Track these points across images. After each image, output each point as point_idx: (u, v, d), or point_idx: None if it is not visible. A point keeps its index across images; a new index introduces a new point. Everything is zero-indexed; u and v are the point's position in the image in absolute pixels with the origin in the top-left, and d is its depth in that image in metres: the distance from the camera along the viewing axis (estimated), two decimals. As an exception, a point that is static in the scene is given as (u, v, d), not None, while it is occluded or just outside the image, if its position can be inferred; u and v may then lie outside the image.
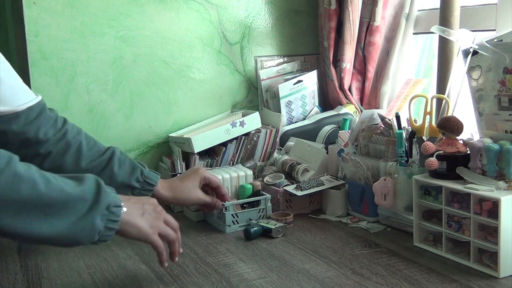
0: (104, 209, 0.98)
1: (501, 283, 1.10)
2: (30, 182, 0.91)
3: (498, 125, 1.31)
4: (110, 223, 0.99)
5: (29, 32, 1.61)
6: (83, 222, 0.95)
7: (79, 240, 0.96)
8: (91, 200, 0.97)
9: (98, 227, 0.97)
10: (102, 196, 0.98)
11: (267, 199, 1.50)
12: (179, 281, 1.17)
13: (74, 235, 0.95)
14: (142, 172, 1.31)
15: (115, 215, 1.00)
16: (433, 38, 1.85)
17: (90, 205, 0.96)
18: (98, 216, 0.97)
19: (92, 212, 0.96)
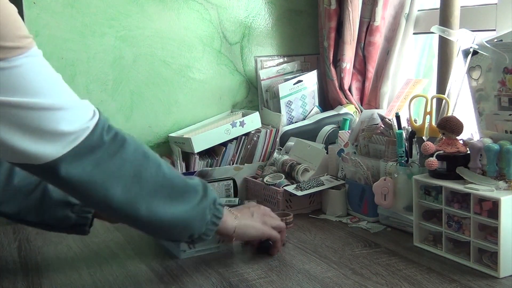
0: (212, 203, 1.03)
1: (501, 283, 1.10)
2: (156, 163, 0.95)
3: (498, 125, 1.31)
4: (215, 218, 1.05)
5: (29, 32, 1.61)
6: (197, 211, 1.00)
7: (192, 228, 1.01)
8: (201, 193, 1.02)
9: (207, 218, 1.02)
10: (209, 191, 1.04)
11: None
12: (179, 281, 1.17)
13: (189, 222, 1.00)
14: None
15: (219, 212, 1.06)
16: (433, 38, 1.85)
17: (201, 197, 1.02)
18: (207, 208, 1.02)
19: (202, 203, 1.01)
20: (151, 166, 0.95)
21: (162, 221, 0.97)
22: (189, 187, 1.01)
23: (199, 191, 1.03)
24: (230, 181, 1.73)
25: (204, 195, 1.03)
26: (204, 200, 1.03)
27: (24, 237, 1.49)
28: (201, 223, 1.03)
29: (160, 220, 0.97)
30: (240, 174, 1.76)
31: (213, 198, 1.05)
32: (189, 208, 1.00)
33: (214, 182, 1.71)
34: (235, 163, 1.77)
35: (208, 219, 1.04)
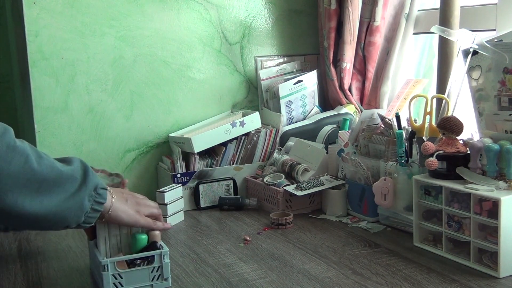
0: (92, 190, 0.98)
1: (501, 283, 1.10)
2: (23, 156, 0.90)
3: (498, 125, 1.31)
4: (96, 205, 1.00)
5: (29, 32, 1.61)
6: (72, 201, 0.95)
7: (67, 219, 0.96)
8: (80, 180, 0.97)
9: (85, 207, 0.97)
10: (89, 177, 0.98)
11: (163, 254, 1.13)
12: (179, 281, 1.17)
13: (62, 214, 0.95)
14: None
15: (101, 197, 1.00)
16: (433, 38, 1.85)
17: (78, 185, 0.97)
18: (86, 197, 0.97)
19: (80, 191, 0.96)
20: (16, 160, 0.90)
21: (29, 215, 0.92)
22: (63, 178, 0.95)
23: (76, 179, 0.97)
24: (230, 181, 1.73)
25: (83, 183, 0.97)
26: (82, 188, 0.97)
27: (24, 237, 1.49)
28: (78, 213, 0.97)
29: (28, 214, 0.92)
30: (240, 174, 1.76)
31: (94, 184, 0.99)
32: (61, 201, 0.94)
33: (214, 182, 1.71)
34: (235, 163, 1.77)
35: (87, 208, 0.98)
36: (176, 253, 1.33)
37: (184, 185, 1.67)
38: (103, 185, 1.02)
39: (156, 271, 1.13)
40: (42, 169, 0.92)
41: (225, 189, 1.72)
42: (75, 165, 0.99)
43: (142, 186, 1.81)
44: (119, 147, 1.77)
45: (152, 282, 1.13)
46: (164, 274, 1.14)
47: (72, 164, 0.99)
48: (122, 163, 1.77)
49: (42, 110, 1.65)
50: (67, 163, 0.98)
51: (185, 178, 1.69)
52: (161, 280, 1.14)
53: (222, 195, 1.70)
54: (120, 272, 1.10)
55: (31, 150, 0.93)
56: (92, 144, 1.72)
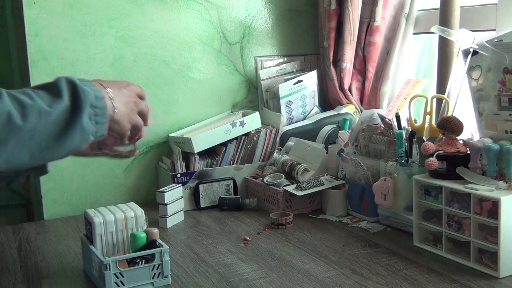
0: (88, 108, 0.93)
1: (501, 283, 1.10)
2: (3, 114, 0.85)
3: (498, 125, 1.31)
4: (99, 117, 0.95)
5: (29, 32, 1.61)
6: (72, 131, 0.91)
7: (74, 147, 0.93)
8: (71, 106, 0.91)
9: (88, 128, 0.93)
10: (81, 97, 0.92)
11: (163, 252, 1.15)
12: (179, 281, 1.17)
13: (67, 147, 0.92)
14: None
15: (100, 108, 0.95)
16: (433, 38, 1.85)
17: (72, 112, 0.91)
18: (85, 118, 0.92)
19: (76, 117, 0.91)
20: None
21: (33, 163, 0.90)
22: (53, 117, 0.89)
23: (67, 108, 0.91)
24: (230, 181, 1.73)
25: (76, 108, 0.92)
26: (77, 112, 0.92)
27: (24, 237, 1.49)
28: (84, 136, 0.93)
29: (31, 163, 0.90)
30: (240, 174, 1.76)
31: (89, 102, 0.93)
32: (59, 138, 0.90)
33: (214, 182, 1.71)
34: (235, 163, 1.77)
35: (91, 128, 0.93)
36: (176, 253, 1.33)
37: (184, 185, 1.67)
38: (98, 95, 0.95)
39: (156, 269, 1.14)
40: (28, 122, 0.87)
41: (225, 189, 1.72)
42: (63, 91, 0.92)
43: (142, 186, 1.81)
44: (119, 147, 1.76)
45: (153, 280, 1.14)
46: (164, 272, 1.15)
47: (59, 92, 0.92)
48: (122, 163, 1.77)
49: (42, 110, 1.65)
50: (54, 92, 0.92)
51: (185, 178, 1.69)
52: (161, 278, 1.15)
53: (222, 195, 1.70)
54: (122, 271, 1.11)
55: (12, 104, 0.87)
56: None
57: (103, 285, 1.10)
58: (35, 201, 1.88)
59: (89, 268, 1.21)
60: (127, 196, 1.77)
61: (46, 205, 1.68)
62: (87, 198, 1.73)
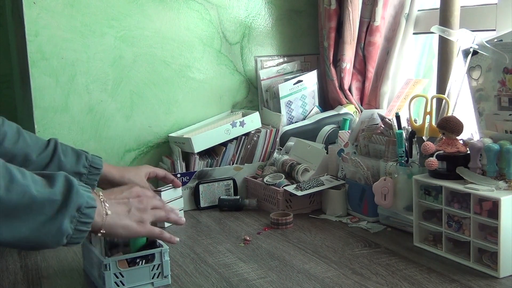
0: (74, 211, 0.92)
1: (501, 283, 1.10)
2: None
3: (498, 125, 1.31)
4: (81, 225, 0.93)
5: (29, 32, 1.61)
6: (49, 226, 0.89)
7: (45, 244, 0.91)
8: (60, 202, 0.91)
9: (66, 231, 0.91)
10: (72, 197, 0.92)
11: (163, 252, 1.15)
12: (179, 281, 1.17)
13: (37, 239, 0.89)
14: (86, 157, 1.30)
15: (86, 217, 0.94)
16: (433, 38, 1.85)
17: (58, 208, 0.90)
18: (67, 219, 0.91)
19: (59, 214, 0.90)
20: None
21: (1, 241, 0.87)
22: (36, 204, 0.88)
23: (55, 202, 0.90)
24: (230, 181, 1.73)
25: (63, 205, 0.90)
26: (62, 211, 0.90)
27: (24, 237, 1.49)
28: (58, 236, 0.91)
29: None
30: (240, 174, 1.76)
31: (77, 204, 0.92)
32: (35, 226, 0.88)
33: (214, 182, 1.71)
34: (235, 163, 1.77)
35: (68, 231, 0.91)
36: (176, 253, 1.33)
37: (184, 185, 1.67)
38: (89, 203, 0.94)
39: (156, 269, 1.14)
40: (10, 196, 0.86)
41: (225, 189, 1.72)
42: (58, 184, 0.92)
43: (142, 186, 1.81)
44: (119, 147, 1.77)
45: (153, 280, 1.14)
46: (164, 272, 1.15)
47: (54, 183, 0.91)
48: (122, 163, 1.77)
49: (42, 110, 1.65)
50: (49, 182, 0.92)
51: (185, 178, 1.69)
52: (161, 278, 1.15)
53: (222, 195, 1.70)
54: (122, 271, 1.11)
55: (2, 174, 0.87)
56: (92, 144, 1.72)
57: (103, 285, 1.10)
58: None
59: (89, 268, 1.21)
60: (127, 196, 1.77)
61: (46, 205, 1.68)
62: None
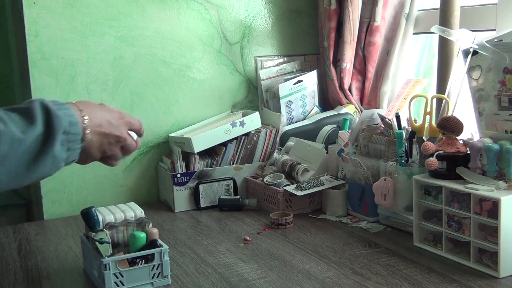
0: (61, 135, 0.90)
1: (501, 283, 1.10)
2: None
3: (498, 125, 1.31)
4: (72, 144, 0.93)
5: (29, 32, 1.61)
6: (43, 158, 0.89)
7: (46, 173, 0.91)
8: (44, 134, 0.89)
9: (60, 156, 0.91)
10: (54, 124, 0.90)
11: (163, 252, 1.15)
12: (179, 281, 1.17)
13: (37, 173, 0.89)
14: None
15: (74, 135, 0.93)
16: (433, 38, 1.85)
17: (44, 139, 0.89)
18: (57, 145, 0.90)
19: (49, 144, 0.89)
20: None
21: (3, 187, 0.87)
22: (26, 143, 0.87)
23: (40, 135, 0.88)
24: (230, 181, 1.73)
25: (49, 134, 0.89)
26: (50, 140, 0.89)
27: (24, 237, 1.49)
28: (54, 164, 0.91)
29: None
30: (240, 174, 1.76)
31: (62, 128, 0.91)
32: (30, 164, 0.88)
33: (214, 182, 1.71)
34: (235, 163, 1.77)
35: (62, 156, 0.91)
36: (176, 253, 1.33)
37: (184, 185, 1.67)
38: (73, 121, 0.92)
39: (156, 269, 1.14)
40: (0, 149, 0.85)
41: (225, 189, 1.72)
42: (37, 117, 0.89)
43: (142, 186, 1.81)
44: (119, 147, 1.76)
45: (152, 280, 1.14)
46: (164, 271, 1.15)
47: (33, 117, 0.89)
48: (122, 163, 1.77)
49: (42, 110, 1.65)
50: (29, 118, 0.89)
51: (185, 178, 1.69)
52: (161, 277, 1.15)
53: (222, 195, 1.70)
54: (121, 271, 1.11)
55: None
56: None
57: (103, 285, 1.10)
58: (35, 201, 1.88)
59: (89, 268, 1.21)
60: (127, 196, 1.77)
61: (46, 205, 1.68)
62: (87, 198, 1.73)
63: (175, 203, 1.69)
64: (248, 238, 1.40)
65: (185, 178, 1.69)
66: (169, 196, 1.73)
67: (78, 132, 0.94)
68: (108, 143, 1.02)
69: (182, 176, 1.68)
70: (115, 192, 1.77)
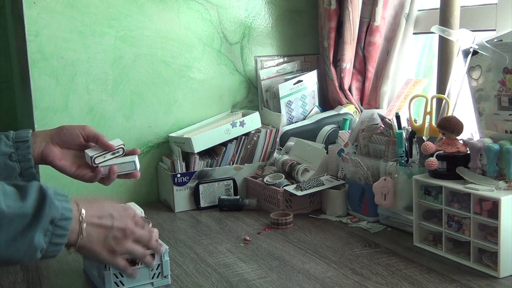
0: (48, 224, 0.86)
1: (501, 283, 1.10)
2: None
3: (498, 125, 1.31)
4: (56, 238, 0.88)
5: (29, 32, 1.61)
6: (20, 242, 0.84)
7: (18, 259, 0.86)
8: (31, 216, 0.85)
9: (39, 245, 0.86)
10: (45, 210, 0.86)
11: (163, 252, 1.14)
12: (179, 281, 1.17)
13: (9, 255, 0.85)
14: (7, 136, 1.11)
15: (61, 229, 0.89)
16: (433, 38, 1.85)
17: (28, 222, 0.85)
18: (39, 233, 0.85)
19: (30, 229, 0.85)
20: None
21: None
22: (5, 219, 0.83)
23: (26, 215, 0.84)
24: (230, 181, 1.73)
25: (35, 218, 0.85)
26: (33, 225, 0.85)
27: (24, 237, 1.49)
28: (31, 251, 0.85)
29: None
30: (240, 174, 1.76)
31: (51, 217, 0.86)
32: (3, 243, 0.83)
33: (214, 182, 1.71)
34: (235, 163, 1.77)
35: (41, 245, 0.86)
36: (176, 253, 1.33)
37: (184, 185, 1.67)
38: (65, 215, 0.89)
39: (156, 269, 1.14)
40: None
41: (225, 189, 1.72)
42: (30, 196, 0.86)
43: (142, 186, 1.81)
44: (119, 147, 1.76)
45: (152, 280, 1.14)
46: (164, 272, 1.15)
47: (26, 196, 0.86)
48: (122, 163, 1.77)
49: (42, 110, 1.65)
50: (21, 194, 0.86)
51: (185, 178, 1.69)
52: (161, 278, 1.15)
53: (222, 195, 1.70)
54: None
55: None
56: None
57: (103, 285, 1.10)
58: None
59: (89, 268, 1.21)
60: (127, 196, 1.77)
61: (46, 205, 1.68)
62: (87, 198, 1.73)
63: (175, 203, 1.69)
64: (248, 238, 1.40)
65: (185, 178, 1.69)
66: (169, 196, 1.73)
67: (66, 228, 0.90)
68: (113, 238, 0.97)
69: (182, 176, 1.68)
70: (115, 192, 1.77)
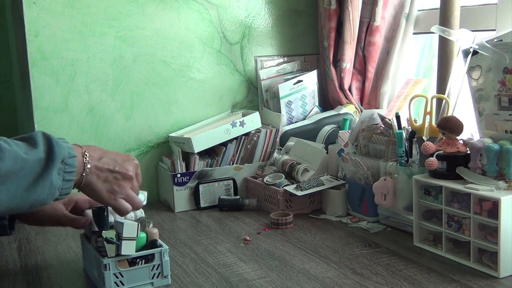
0: (59, 163, 0.95)
1: (501, 283, 1.10)
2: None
3: (498, 125, 1.31)
4: (67, 175, 0.97)
5: (29, 32, 1.61)
6: (42, 183, 0.92)
7: (42, 200, 0.94)
8: (45, 159, 0.93)
9: (56, 183, 0.94)
10: (55, 151, 0.95)
11: (163, 252, 1.14)
12: (179, 281, 1.17)
13: (35, 198, 0.92)
14: None
15: (70, 166, 0.97)
16: (433, 38, 1.85)
17: (45, 164, 0.93)
18: (55, 172, 0.94)
19: (48, 169, 0.93)
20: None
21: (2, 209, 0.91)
22: (28, 165, 0.91)
23: (42, 159, 0.93)
24: (230, 181, 1.73)
25: (49, 160, 0.93)
26: (49, 165, 0.93)
27: (24, 237, 1.49)
28: (51, 190, 0.94)
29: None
30: (240, 174, 1.76)
31: (62, 156, 0.95)
32: (31, 186, 0.92)
33: (214, 182, 1.71)
34: (235, 163, 1.77)
35: (58, 183, 0.95)
36: (176, 253, 1.33)
37: (184, 185, 1.67)
38: (71, 153, 0.97)
39: (156, 269, 1.14)
40: (3, 163, 0.89)
41: (225, 189, 1.72)
42: (39, 142, 0.95)
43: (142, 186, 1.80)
44: (119, 147, 1.77)
45: (152, 280, 1.14)
46: (164, 272, 1.15)
47: (36, 143, 0.94)
48: (122, 163, 1.77)
49: (42, 110, 1.65)
50: (31, 143, 0.95)
51: (185, 178, 1.69)
52: (161, 278, 1.15)
53: (222, 195, 1.70)
54: (121, 271, 1.11)
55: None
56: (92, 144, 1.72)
57: (103, 285, 1.10)
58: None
59: (89, 268, 1.21)
60: (127, 196, 1.77)
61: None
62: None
63: (175, 203, 1.69)
64: (248, 238, 1.40)
65: (185, 178, 1.69)
66: (169, 196, 1.73)
67: (74, 165, 0.98)
68: (114, 179, 1.06)
69: (182, 176, 1.68)
70: (115, 192, 1.76)
